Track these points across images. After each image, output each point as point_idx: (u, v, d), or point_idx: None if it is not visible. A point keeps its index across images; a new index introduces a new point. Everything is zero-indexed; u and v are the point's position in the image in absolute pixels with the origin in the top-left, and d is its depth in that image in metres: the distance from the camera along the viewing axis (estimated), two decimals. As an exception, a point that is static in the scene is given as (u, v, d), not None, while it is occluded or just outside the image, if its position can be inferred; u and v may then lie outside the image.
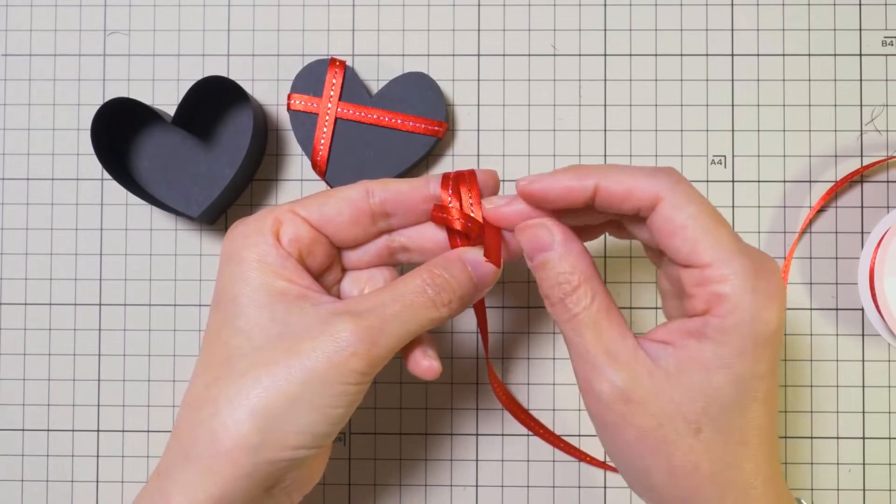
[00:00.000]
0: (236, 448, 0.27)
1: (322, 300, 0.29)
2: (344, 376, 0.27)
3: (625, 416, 0.26)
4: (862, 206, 0.40)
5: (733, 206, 0.40)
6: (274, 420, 0.27)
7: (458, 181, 0.30)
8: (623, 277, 0.40)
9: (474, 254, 0.30)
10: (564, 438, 0.40)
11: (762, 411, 0.26)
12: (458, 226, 0.30)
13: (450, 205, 0.30)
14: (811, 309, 0.40)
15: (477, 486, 0.40)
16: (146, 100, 0.41)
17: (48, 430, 0.41)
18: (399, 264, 0.33)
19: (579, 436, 0.40)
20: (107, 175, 0.41)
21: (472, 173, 0.31)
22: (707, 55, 0.41)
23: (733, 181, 0.41)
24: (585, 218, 0.30)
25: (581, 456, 0.40)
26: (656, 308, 0.40)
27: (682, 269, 0.26)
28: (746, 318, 0.25)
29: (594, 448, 0.40)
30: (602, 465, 0.40)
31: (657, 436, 0.26)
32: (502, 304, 0.41)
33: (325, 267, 0.31)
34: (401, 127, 0.39)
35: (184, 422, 0.28)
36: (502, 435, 0.40)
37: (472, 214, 0.30)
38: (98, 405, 0.41)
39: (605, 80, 0.41)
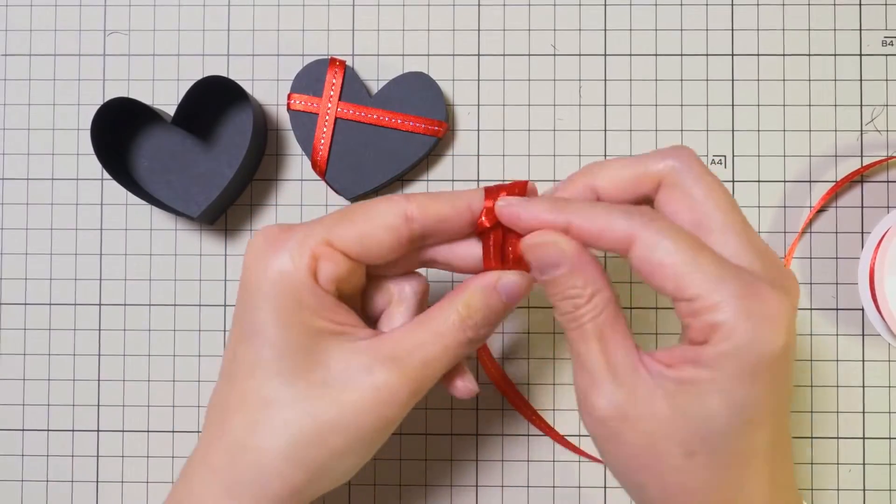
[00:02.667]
0: (284, 493, 0.27)
1: (359, 335, 0.28)
2: (388, 425, 0.28)
3: (619, 433, 0.26)
4: (862, 206, 0.40)
5: (733, 206, 0.40)
6: (322, 470, 0.27)
7: (500, 192, 0.29)
8: (623, 277, 0.40)
9: (509, 279, 0.29)
10: (567, 438, 0.40)
11: (762, 435, 0.25)
12: (498, 260, 0.29)
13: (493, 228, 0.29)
14: (811, 309, 0.40)
15: (477, 486, 0.40)
16: (146, 100, 0.41)
17: (48, 430, 0.41)
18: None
19: (579, 436, 0.40)
20: (107, 175, 0.41)
21: (513, 185, 0.29)
22: (707, 55, 0.41)
23: (733, 181, 0.41)
24: None
25: (555, 436, 0.40)
26: (656, 308, 0.40)
27: (674, 301, 0.26)
28: (742, 344, 0.24)
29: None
30: (592, 457, 0.40)
31: (650, 454, 0.26)
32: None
33: (356, 285, 0.30)
34: (401, 127, 0.39)
35: (222, 459, 0.28)
36: (502, 435, 0.40)
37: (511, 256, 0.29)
38: (98, 405, 0.41)
39: (605, 80, 0.41)
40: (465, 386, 0.31)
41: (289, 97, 0.39)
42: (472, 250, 0.30)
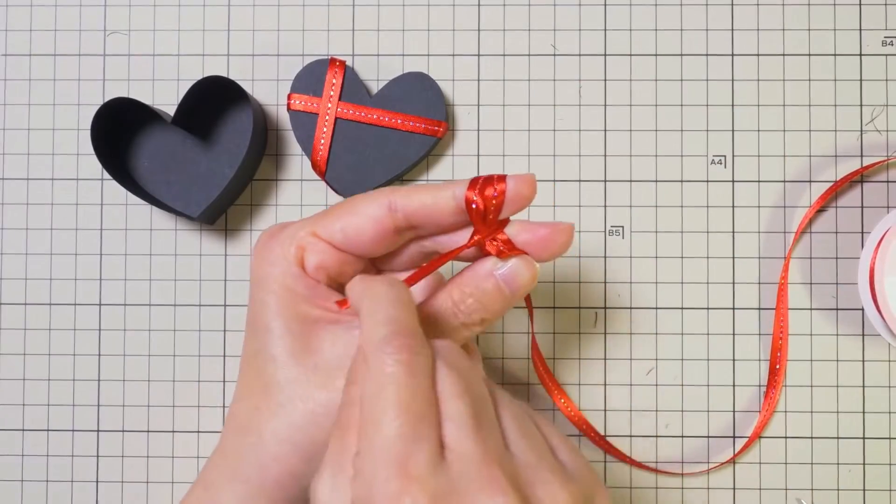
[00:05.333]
0: (284, 476, 0.28)
1: (355, 322, 0.29)
2: None
3: None
4: (862, 206, 0.40)
5: (733, 206, 0.40)
6: (318, 451, 0.27)
7: (486, 185, 0.28)
8: (624, 277, 0.40)
9: (508, 266, 0.28)
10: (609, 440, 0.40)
11: None
12: (489, 248, 0.28)
13: (472, 206, 0.28)
14: (811, 309, 0.40)
15: (477, 486, 0.40)
16: (146, 100, 0.41)
17: (48, 430, 0.41)
18: None
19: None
20: (107, 175, 0.41)
21: (501, 178, 0.28)
22: (707, 55, 0.41)
23: (733, 181, 0.41)
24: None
25: (622, 456, 0.40)
26: (656, 308, 0.40)
27: None
28: None
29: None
30: (646, 466, 0.40)
31: None
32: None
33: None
34: (401, 127, 0.39)
35: (230, 443, 0.29)
36: (502, 435, 0.40)
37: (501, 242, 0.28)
38: (98, 405, 0.41)
39: (605, 80, 0.41)
40: None
41: (289, 97, 0.39)
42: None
